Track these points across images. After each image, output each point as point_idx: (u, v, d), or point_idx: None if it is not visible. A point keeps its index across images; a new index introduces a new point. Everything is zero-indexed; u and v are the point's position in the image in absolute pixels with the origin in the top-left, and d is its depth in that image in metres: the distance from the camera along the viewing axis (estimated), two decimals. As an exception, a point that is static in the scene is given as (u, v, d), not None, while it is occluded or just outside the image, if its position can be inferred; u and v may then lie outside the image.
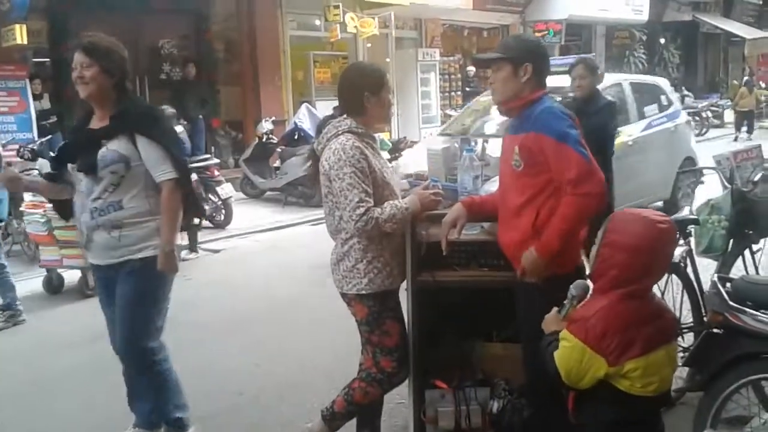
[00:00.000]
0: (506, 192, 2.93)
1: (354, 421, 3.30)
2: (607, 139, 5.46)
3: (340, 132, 3.02)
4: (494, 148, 3.57)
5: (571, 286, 2.34)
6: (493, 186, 3.29)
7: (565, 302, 2.32)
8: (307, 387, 4.24)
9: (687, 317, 3.91)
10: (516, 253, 2.83)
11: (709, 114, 19.03)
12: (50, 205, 6.11)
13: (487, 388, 3.28)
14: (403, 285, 3.17)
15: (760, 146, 4.70)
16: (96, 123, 3.26)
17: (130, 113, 3.22)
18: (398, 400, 3.63)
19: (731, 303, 2.67)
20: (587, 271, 2.34)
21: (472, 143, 3.49)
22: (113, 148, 3.15)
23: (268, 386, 4.36)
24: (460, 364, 3.38)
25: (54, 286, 6.65)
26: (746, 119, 18.46)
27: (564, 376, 2.14)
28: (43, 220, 6.34)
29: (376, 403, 3.30)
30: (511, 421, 3.14)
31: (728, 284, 2.80)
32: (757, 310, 2.62)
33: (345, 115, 3.10)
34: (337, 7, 12.49)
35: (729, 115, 20.05)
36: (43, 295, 6.58)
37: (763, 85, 23.53)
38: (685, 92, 20.64)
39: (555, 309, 2.35)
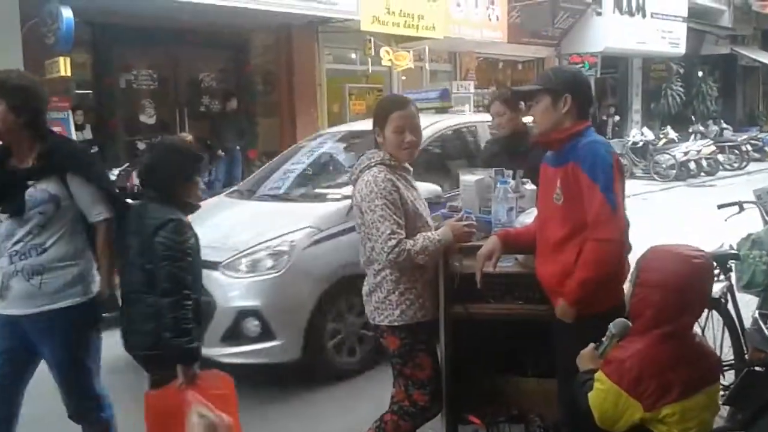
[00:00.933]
0: (546, 225, 2.89)
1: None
2: None
3: (372, 164, 3.04)
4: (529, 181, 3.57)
5: (611, 324, 2.27)
6: (527, 218, 3.26)
7: (603, 339, 2.27)
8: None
9: (728, 355, 3.82)
10: (557, 287, 2.79)
11: (749, 147, 18.70)
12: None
13: (521, 425, 3.23)
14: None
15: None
16: (16, 162, 3.04)
17: (60, 153, 3.05)
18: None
19: (774, 341, 2.60)
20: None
21: (507, 175, 3.48)
22: (42, 187, 2.97)
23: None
24: (494, 399, 3.34)
25: None
26: None
27: (598, 419, 2.09)
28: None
29: (408, 438, 3.26)
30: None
31: (770, 321, 2.72)
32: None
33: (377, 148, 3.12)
34: (370, 40, 12.65)
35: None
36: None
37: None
38: (724, 125, 20.34)
39: (592, 345, 2.30)
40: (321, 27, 12.63)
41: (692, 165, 16.54)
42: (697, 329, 3.65)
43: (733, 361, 3.78)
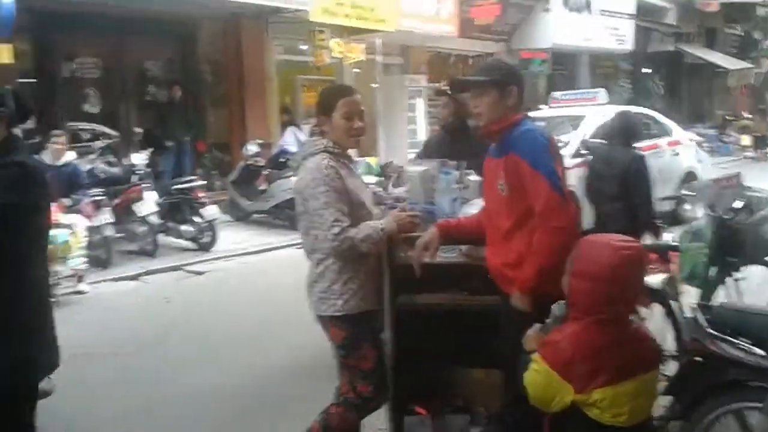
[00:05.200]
0: (493, 215, 2.90)
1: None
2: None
3: (316, 151, 3.00)
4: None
5: (554, 306, 2.31)
6: (471, 209, 3.27)
7: (548, 320, 2.29)
8: (281, 411, 4.16)
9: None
10: (509, 276, 2.79)
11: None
12: None
13: (467, 415, 3.23)
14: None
15: (739, 174, 4.72)
16: None
17: None
18: (378, 426, 3.55)
19: (710, 331, 2.64)
20: None
21: (451, 166, 3.47)
22: None
23: (246, 409, 4.29)
24: (440, 390, 3.33)
25: None
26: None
27: (531, 398, 2.11)
28: None
29: (352, 429, 3.23)
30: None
31: (707, 312, 2.77)
32: (735, 338, 2.59)
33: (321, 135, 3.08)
34: (322, 32, 12.53)
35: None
36: None
37: (746, 115, 23.83)
38: (669, 122, 20.83)
39: (537, 326, 2.31)
40: (271, 17, 12.47)
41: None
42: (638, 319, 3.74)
43: (676, 352, 3.85)
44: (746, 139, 20.81)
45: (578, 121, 9.42)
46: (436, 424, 3.18)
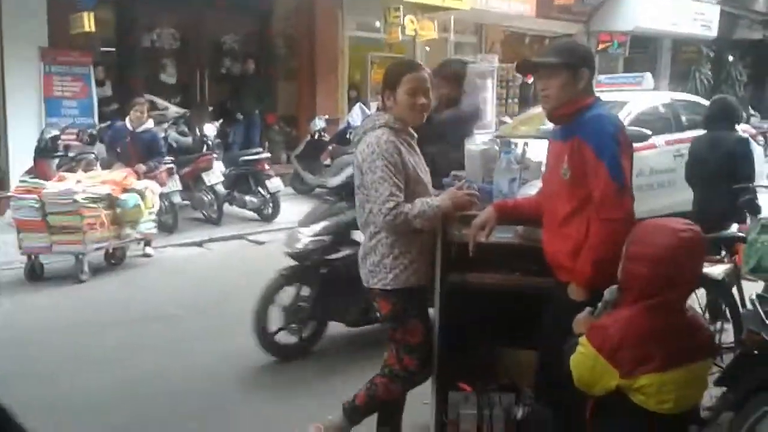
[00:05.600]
0: (553, 199, 2.85)
1: (375, 417, 3.29)
2: None
3: (377, 126, 3.02)
4: (535, 152, 3.52)
5: (606, 291, 2.28)
6: (531, 189, 3.23)
7: (599, 305, 2.27)
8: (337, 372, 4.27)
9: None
10: (564, 264, 2.76)
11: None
12: (46, 190, 6.24)
13: (512, 394, 3.22)
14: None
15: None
16: None
17: None
18: (423, 400, 3.59)
19: (767, 321, 2.56)
20: None
21: (512, 145, 3.43)
22: None
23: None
24: (487, 368, 3.33)
25: (36, 275, 6.52)
26: None
27: (576, 381, 2.09)
28: (37, 206, 6.29)
29: (398, 401, 3.28)
30: (534, 429, 3.07)
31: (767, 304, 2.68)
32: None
33: (384, 111, 3.10)
34: (397, 9, 12.49)
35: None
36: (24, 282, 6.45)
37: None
38: (752, 112, 19.92)
39: (588, 310, 2.30)
40: (345, -7, 12.52)
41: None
42: (697, 309, 3.65)
43: (733, 344, 3.74)
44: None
45: (621, 108, 8.77)
46: (481, 401, 3.18)
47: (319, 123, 11.11)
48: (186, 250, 7.95)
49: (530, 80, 16.24)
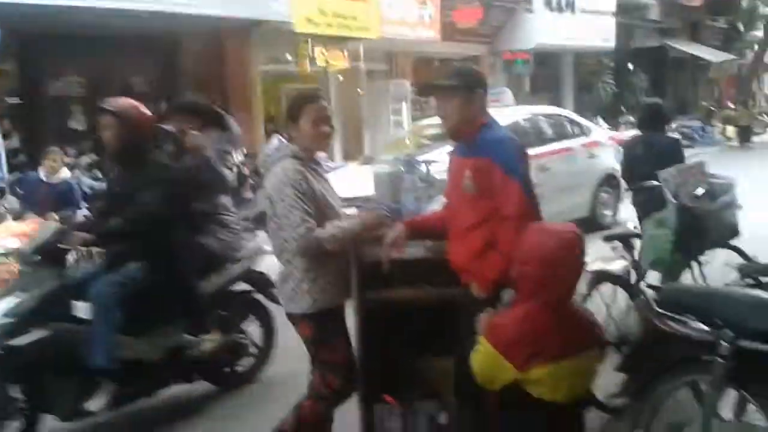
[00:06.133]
0: (456, 213, 3.02)
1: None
2: None
3: (283, 157, 3.13)
4: (439, 170, 3.71)
5: (503, 292, 2.44)
6: (436, 206, 3.40)
7: (499, 305, 2.44)
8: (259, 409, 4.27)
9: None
10: (468, 267, 2.92)
11: (679, 135, 19.37)
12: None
13: (435, 401, 3.34)
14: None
15: (703, 163, 4.86)
16: None
17: None
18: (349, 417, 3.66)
19: (658, 309, 2.77)
20: None
21: (417, 165, 3.60)
22: None
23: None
24: (410, 380, 3.44)
25: None
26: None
27: (477, 377, 2.23)
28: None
29: (326, 421, 3.33)
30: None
31: (658, 293, 2.90)
32: (682, 315, 2.72)
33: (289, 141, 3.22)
34: (306, 41, 12.69)
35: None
36: None
37: (732, 105, 24.07)
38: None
39: (490, 310, 2.45)
40: (253, 29, 12.60)
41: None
42: (602, 304, 3.89)
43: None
44: (730, 130, 21.02)
45: None
46: (405, 412, 3.29)
47: (237, 157, 11.10)
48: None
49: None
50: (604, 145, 9.81)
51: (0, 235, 6.52)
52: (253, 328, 4.74)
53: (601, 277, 3.96)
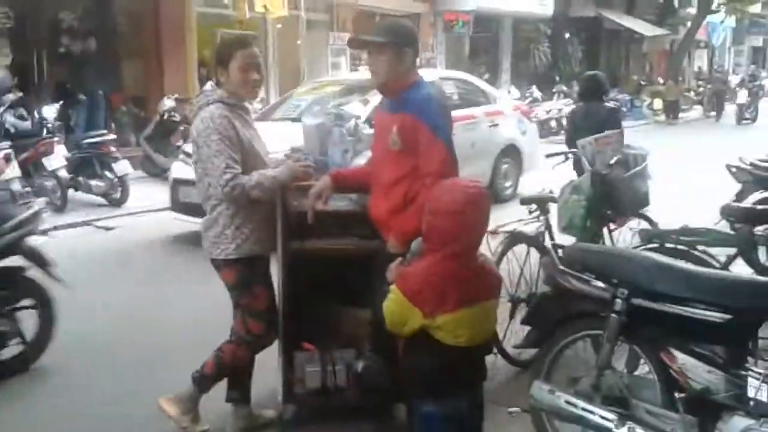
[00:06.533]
0: (380, 167, 3.12)
1: (224, 383, 3.43)
2: None
3: (210, 102, 3.14)
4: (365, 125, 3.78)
5: (413, 242, 2.58)
6: (362, 160, 3.48)
7: (408, 255, 2.57)
8: (181, 352, 4.31)
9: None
10: (386, 223, 3.04)
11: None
12: None
13: (352, 350, 3.48)
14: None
15: (621, 132, 5.09)
16: None
17: None
18: (269, 363, 3.77)
19: (560, 267, 2.96)
20: None
21: (345, 119, 3.66)
22: None
23: (144, 355, 4.45)
24: (329, 328, 3.57)
25: None
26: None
27: (387, 324, 2.37)
28: None
29: (246, 365, 3.43)
30: (373, 380, 3.35)
31: (562, 252, 3.09)
32: (583, 273, 2.92)
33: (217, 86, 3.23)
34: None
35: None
36: None
37: (661, 81, 24.82)
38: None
39: (399, 260, 2.58)
40: (191, -31, 12.27)
41: (553, 123, 17.49)
42: (516, 264, 4.08)
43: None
44: (658, 104, 21.71)
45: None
46: (324, 359, 3.42)
47: (168, 103, 10.90)
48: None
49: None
50: (508, 115, 9.54)
51: None
52: (25, 313, 4.26)
53: (517, 238, 4.15)
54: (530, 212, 4.30)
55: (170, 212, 7.56)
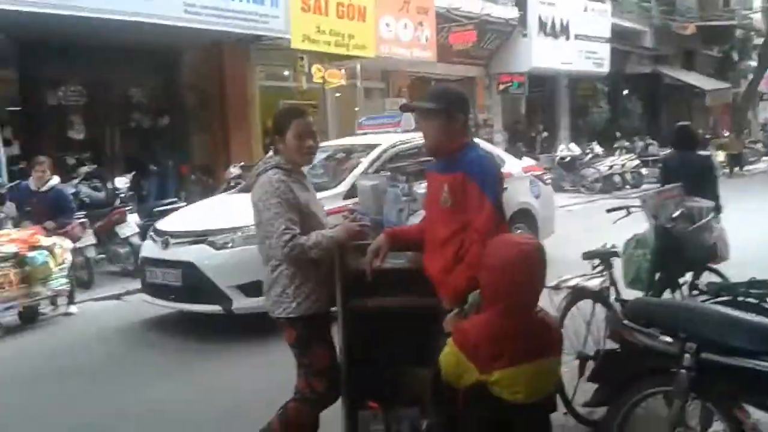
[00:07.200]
0: (433, 225, 3.16)
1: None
2: None
3: (268, 168, 3.27)
4: (421, 186, 3.84)
5: (470, 295, 2.58)
6: (418, 219, 3.53)
7: (464, 307, 2.57)
8: (245, 414, 4.35)
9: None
10: (441, 280, 3.05)
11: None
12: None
13: (417, 408, 3.45)
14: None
15: (681, 185, 5.00)
16: None
17: None
18: (335, 423, 3.75)
19: (625, 322, 2.90)
20: None
21: (399, 180, 3.74)
22: None
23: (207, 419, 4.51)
24: (393, 386, 3.56)
25: None
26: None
27: (444, 375, 2.37)
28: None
29: (311, 424, 3.43)
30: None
31: (625, 306, 3.02)
32: (648, 328, 2.85)
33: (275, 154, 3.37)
34: (302, 59, 12.89)
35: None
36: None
37: (727, 133, 24.34)
38: (649, 141, 21.25)
39: (455, 311, 2.58)
40: (252, 44, 12.80)
41: (617, 178, 17.29)
42: (581, 320, 4.01)
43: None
44: (721, 156, 21.24)
45: (372, 150, 7.13)
46: (389, 417, 3.40)
47: (234, 171, 11.30)
48: (104, 303, 7.90)
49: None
50: (517, 177, 8.50)
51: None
52: None
53: (581, 293, 4.09)
54: (593, 267, 4.23)
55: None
